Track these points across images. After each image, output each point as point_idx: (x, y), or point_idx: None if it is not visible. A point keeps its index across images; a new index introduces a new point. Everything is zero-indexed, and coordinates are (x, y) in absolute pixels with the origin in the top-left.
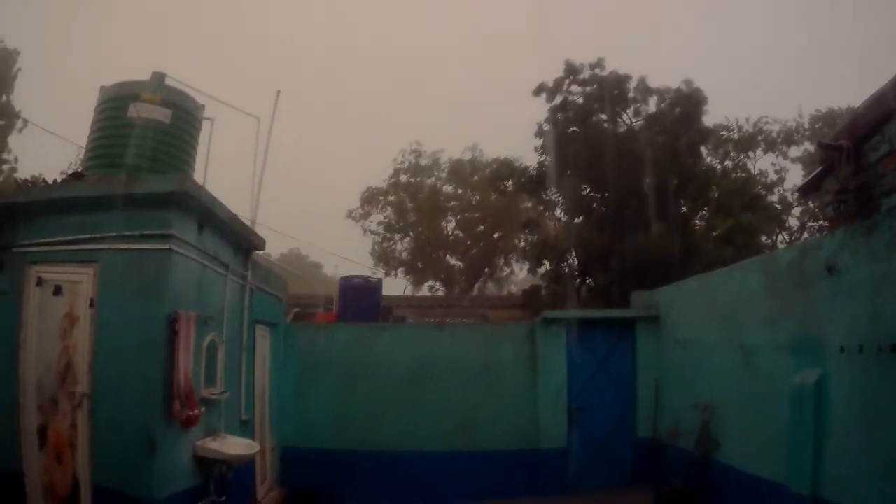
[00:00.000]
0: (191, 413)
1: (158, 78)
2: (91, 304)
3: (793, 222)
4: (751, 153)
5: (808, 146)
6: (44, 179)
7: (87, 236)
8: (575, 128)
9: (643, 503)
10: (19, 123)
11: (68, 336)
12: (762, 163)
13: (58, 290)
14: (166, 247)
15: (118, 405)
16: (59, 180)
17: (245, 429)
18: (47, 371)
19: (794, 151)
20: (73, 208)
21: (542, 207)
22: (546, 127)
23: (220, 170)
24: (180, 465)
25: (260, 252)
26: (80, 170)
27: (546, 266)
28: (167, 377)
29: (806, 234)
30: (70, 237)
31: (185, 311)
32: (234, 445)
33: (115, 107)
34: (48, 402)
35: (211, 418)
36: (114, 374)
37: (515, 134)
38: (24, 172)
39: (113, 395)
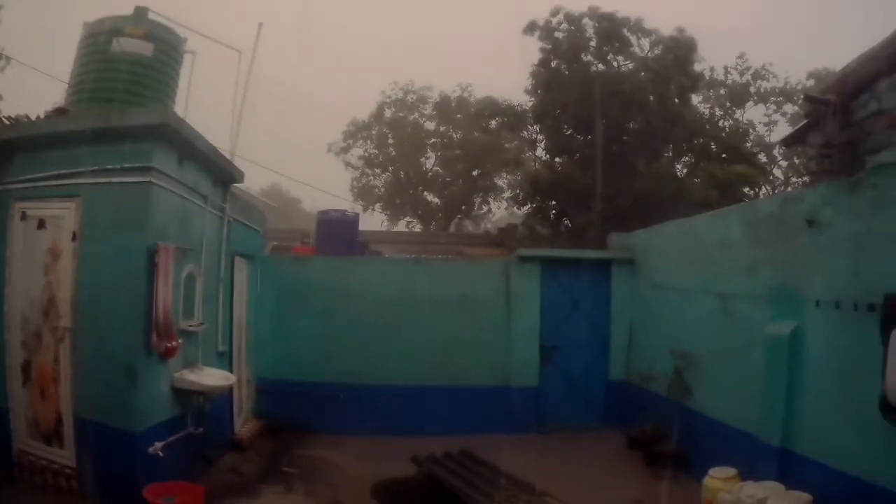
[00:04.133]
0: (170, 345)
1: (141, 12)
2: (74, 238)
3: (778, 176)
4: (741, 107)
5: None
6: (27, 116)
7: (70, 171)
8: (564, 67)
9: (615, 444)
10: (2, 62)
11: (51, 271)
12: (753, 113)
13: (41, 224)
14: (147, 179)
15: (100, 338)
16: (42, 117)
17: (222, 360)
18: (31, 306)
19: (788, 108)
20: (57, 144)
21: (525, 147)
22: (536, 66)
23: (202, 103)
24: (160, 396)
25: (239, 185)
26: (63, 105)
27: (530, 205)
28: (147, 309)
29: (790, 190)
30: (53, 173)
31: (164, 244)
32: (212, 376)
33: (98, 42)
34: (32, 338)
35: (189, 350)
36: (96, 308)
37: (510, 75)
38: (9, 111)
39: (95, 328)
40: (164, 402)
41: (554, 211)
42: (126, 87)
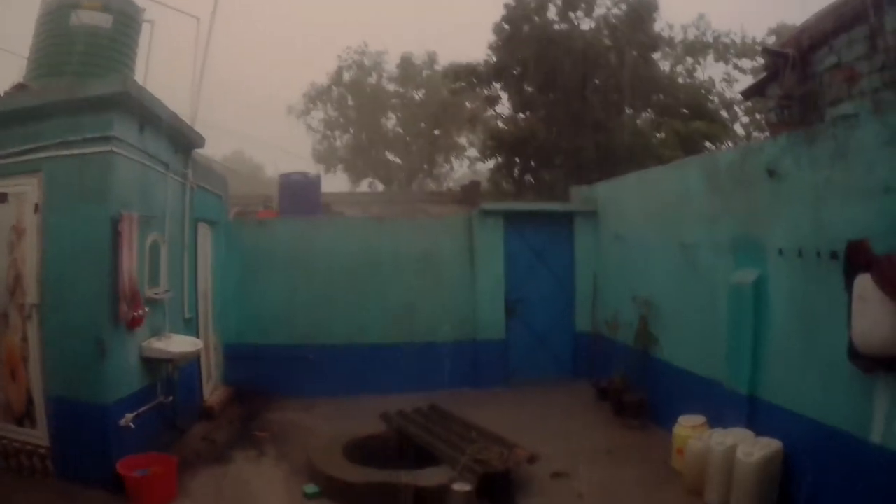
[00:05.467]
0: (136, 314)
1: None
2: (36, 210)
3: (739, 132)
4: (701, 59)
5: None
6: None
7: (32, 146)
8: (526, 25)
9: (583, 396)
10: None
11: (16, 248)
12: (714, 71)
13: (3, 198)
14: (108, 149)
15: (67, 312)
16: (2, 94)
17: (189, 327)
18: None
19: (747, 64)
20: (17, 120)
21: (486, 104)
22: (498, 23)
23: (162, 72)
24: (129, 367)
25: (201, 151)
26: (23, 81)
27: (497, 159)
28: (113, 279)
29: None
30: (15, 149)
31: (128, 213)
32: (180, 343)
33: (56, 16)
34: None
35: (155, 318)
36: (61, 281)
37: (475, 33)
38: None
39: (61, 302)
40: (132, 372)
41: (518, 166)
42: (86, 60)
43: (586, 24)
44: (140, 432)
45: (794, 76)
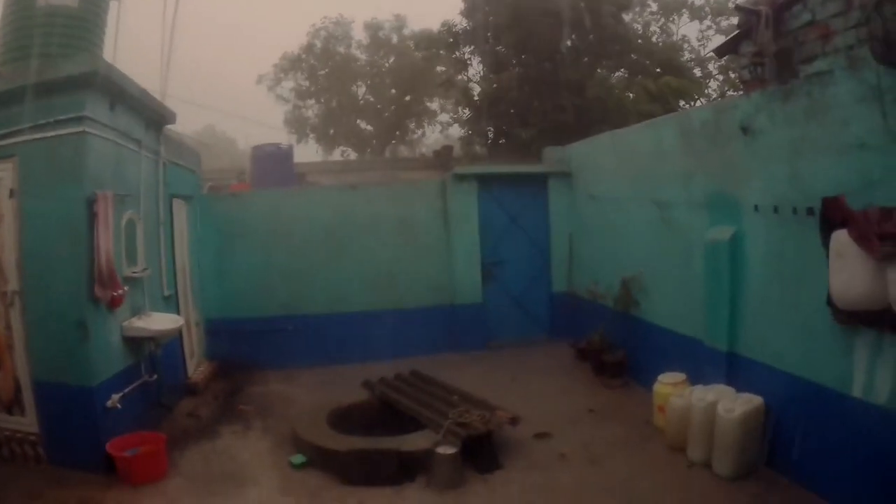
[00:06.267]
0: (115, 294)
1: None
2: (11, 195)
3: (713, 90)
4: (675, 17)
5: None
6: None
7: (5, 131)
8: None
9: (563, 356)
10: None
11: None
12: (688, 30)
13: None
14: (80, 129)
15: (48, 296)
16: None
17: (169, 304)
18: None
19: (723, 23)
20: None
21: (458, 68)
22: None
23: (131, 49)
24: (112, 347)
25: (173, 127)
26: None
27: (469, 119)
28: (91, 260)
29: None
30: None
31: (103, 192)
32: (160, 321)
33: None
34: None
35: (135, 297)
36: (41, 266)
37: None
38: None
39: (43, 287)
40: (116, 352)
41: (491, 128)
42: (55, 41)
43: None
44: (127, 412)
45: (768, 33)
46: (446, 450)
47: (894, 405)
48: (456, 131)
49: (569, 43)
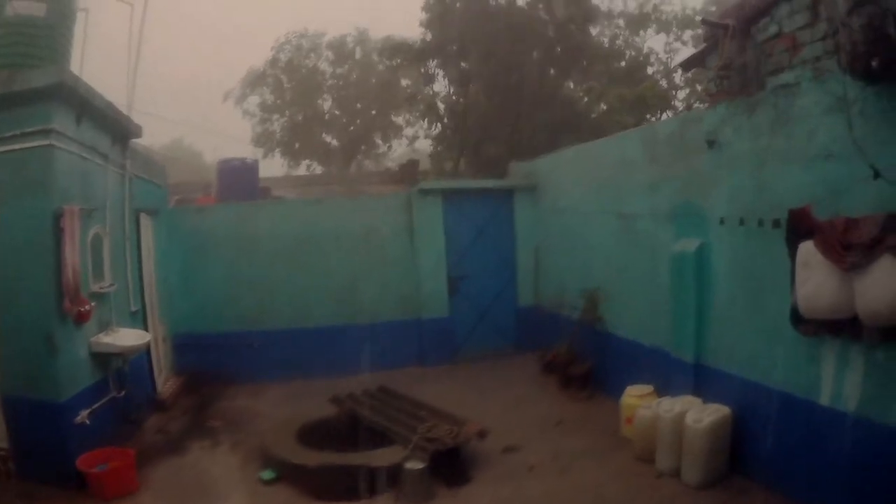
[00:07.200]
0: (83, 309)
1: None
2: None
3: (678, 103)
4: (641, 32)
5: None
6: None
7: None
8: (459, 4)
9: (530, 369)
10: None
11: None
12: (654, 42)
13: None
14: (47, 142)
15: (16, 310)
16: None
17: (136, 320)
18: None
19: (688, 35)
20: None
21: (423, 82)
22: (432, 2)
23: (97, 61)
24: (79, 363)
25: (139, 141)
26: None
27: (436, 129)
28: (58, 275)
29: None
30: None
31: (69, 206)
32: (127, 337)
33: None
34: None
35: (102, 313)
36: (8, 279)
37: (407, 14)
38: None
39: (9, 300)
40: (84, 368)
41: (458, 142)
42: (22, 51)
43: None
44: (96, 428)
45: (734, 46)
46: (415, 464)
47: (862, 412)
48: (423, 144)
49: (534, 55)
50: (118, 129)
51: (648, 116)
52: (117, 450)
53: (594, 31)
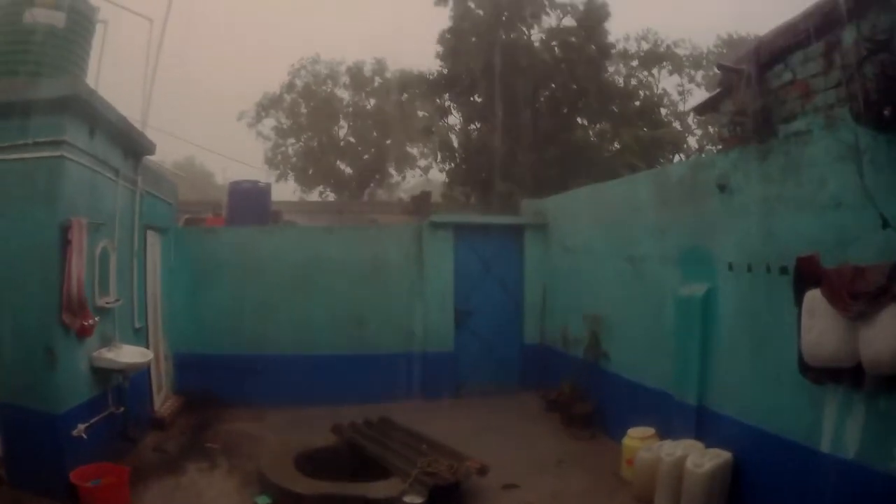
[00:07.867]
0: (85, 323)
1: None
2: None
3: (692, 145)
4: (654, 72)
5: (715, 71)
6: None
7: None
8: (473, 36)
9: (532, 407)
10: None
11: None
12: (667, 83)
13: None
14: (59, 154)
15: (17, 320)
16: None
17: (139, 337)
18: None
19: (700, 76)
20: None
21: (437, 116)
22: (444, 33)
23: (114, 74)
24: (79, 376)
25: (151, 157)
26: None
27: (449, 165)
28: (62, 287)
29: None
30: None
31: (77, 218)
32: (129, 354)
33: (10, 13)
34: None
35: (105, 327)
36: (10, 289)
37: (422, 43)
38: None
39: (10, 310)
40: (83, 382)
41: (471, 178)
42: (39, 60)
43: (536, 35)
44: (92, 442)
45: (749, 92)
46: (413, 499)
47: (863, 460)
48: (436, 175)
49: (547, 93)
50: (131, 145)
51: (660, 159)
52: (112, 466)
53: (609, 69)
